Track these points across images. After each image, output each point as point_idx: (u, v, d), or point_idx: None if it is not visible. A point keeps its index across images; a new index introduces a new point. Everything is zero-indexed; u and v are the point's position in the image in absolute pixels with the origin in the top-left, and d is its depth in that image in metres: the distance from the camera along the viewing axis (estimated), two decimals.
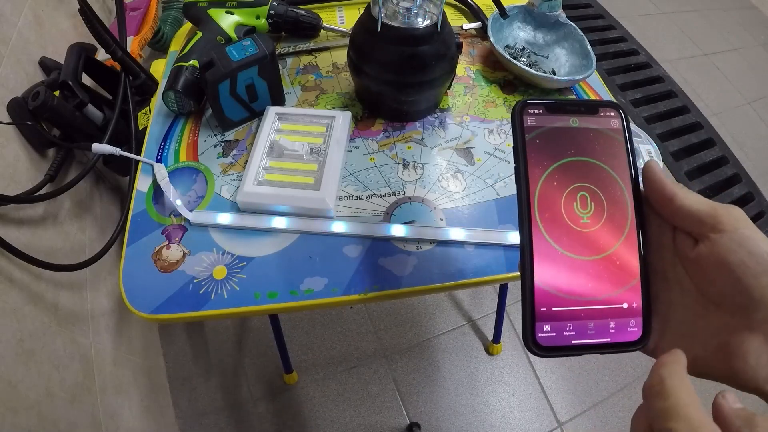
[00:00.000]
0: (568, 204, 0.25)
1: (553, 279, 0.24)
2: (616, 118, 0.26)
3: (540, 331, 0.23)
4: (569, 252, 0.24)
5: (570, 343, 0.23)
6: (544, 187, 0.24)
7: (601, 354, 0.24)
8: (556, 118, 0.25)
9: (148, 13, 0.97)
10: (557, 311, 0.23)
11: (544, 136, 0.25)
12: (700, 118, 1.61)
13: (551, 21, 0.61)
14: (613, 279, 0.24)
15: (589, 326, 0.24)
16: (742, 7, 2.20)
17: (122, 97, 0.71)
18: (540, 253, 0.24)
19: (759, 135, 1.65)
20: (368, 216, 0.46)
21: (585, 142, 0.25)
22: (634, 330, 0.24)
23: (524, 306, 0.23)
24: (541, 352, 0.23)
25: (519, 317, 1.21)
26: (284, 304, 0.40)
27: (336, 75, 0.59)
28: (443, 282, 0.42)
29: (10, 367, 0.50)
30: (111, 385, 0.72)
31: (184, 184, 0.47)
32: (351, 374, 1.03)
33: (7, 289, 0.53)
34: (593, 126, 0.26)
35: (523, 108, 0.25)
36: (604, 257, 0.24)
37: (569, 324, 0.23)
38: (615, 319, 0.24)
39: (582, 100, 0.26)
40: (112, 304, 0.80)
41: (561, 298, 0.24)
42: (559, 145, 0.25)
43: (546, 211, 0.24)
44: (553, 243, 0.24)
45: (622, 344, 0.24)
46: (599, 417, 1.04)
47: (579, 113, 0.26)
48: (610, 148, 0.25)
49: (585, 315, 0.24)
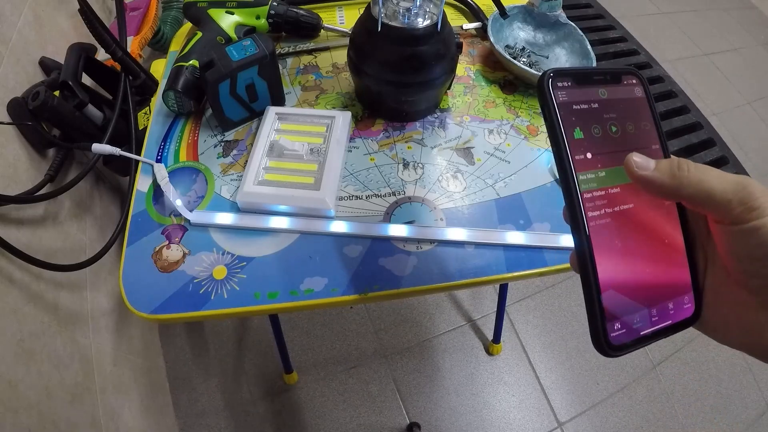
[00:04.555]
0: (614, 186, 0.23)
1: (615, 272, 0.22)
2: (639, 86, 0.25)
3: (612, 331, 0.22)
4: (624, 238, 0.23)
5: (640, 335, 0.22)
6: (589, 170, 0.23)
7: (664, 338, 0.23)
8: (585, 90, 0.24)
9: (148, 13, 0.97)
10: (623, 306, 0.22)
11: (579, 113, 0.23)
12: (700, 118, 1.61)
13: (551, 21, 0.61)
14: (664, 257, 0.23)
15: (653, 313, 0.23)
16: (742, 7, 2.20)
17: (122, 97, 0.71)
18: (599, 247, 0.22)
19: (759, 135, 1.65)
20: (368, 216, 0.46)
21: (617, 115, 0.24)
22: (688, 306, 0.23)
23: (591, 308, 0.22)
24: (616, 353, 0.22)
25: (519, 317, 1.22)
26: (284, 304, 0.40)
27: (336, 75, 0.58)
28: (443, 282, 0.42)
29: (10, 367, 0.50)
30: (111, 385, 0.72)
31: (184, 184, 0.47)
32: (351, 374, 1.03)
33: (7, 289, 0.53)
34: (621, 96, 0.24)
35: (552, 81, 0.23)
36: (653, 235, 0.23)
37: (636, 316, 0.22)
38: (672, 300, 0.23)
39: (603, 68, 0.25)
40: (112, 304, 0.80)
41: (625, 290, 0.22)
42: (595, 121, 0.23)
43: (596, 198, 0.22)
44: (607, 232, 0.22)
45: (681, 323, 0.23)
46: (599, 417, 1.04)
47: (605, 83, 0.24)
48: (639, 118, 0.24)
49: (648, 302, 0.23)
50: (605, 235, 0.22)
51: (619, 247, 0.22)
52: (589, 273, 0.22)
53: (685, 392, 1.09)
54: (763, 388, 1.12)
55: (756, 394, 1.11)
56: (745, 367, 1.14)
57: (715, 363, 1.14)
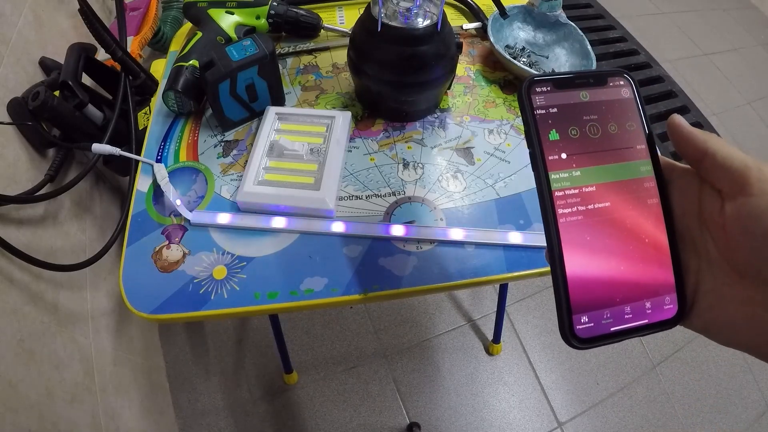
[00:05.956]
0: (589, 185, 0.24)
1: (585, 267, 0.23)
2: (627, 87, 0.25)
3: (578, 323, 0.22)
4: (597, 235, 0.23)
5: (609, 331, 0.23)
6: (562, 170, 0.23)
7: (639, 336, 0.23)
8: (565, 94, 0.24)
9: (148, 13, 0.97)
10: (592, 300, 0.23)
11: (556, 116, 0.24)
12: (700, 118, 1.61)
13: (551, 21, 0.61)
14: (643, 256, 0.23)
15: (626, 310, 0.23)
16: (742, 7, 2.20)
17: (122, 97, 0.71)
18: (568, 242, 0.23)
19: (759, 135, 1.65)
20: (368, 216, 0.46)
21: (598, 117, 0.24)
22: (669, 307, 0.23)
23: (558, 299, 0.23)
24: (582, 345, 0.22)
25: (519, 317, 1.22)
26: (284, 304, 0.40)
27: (336, 75, 0.59)
28: (443, 282, 0.42)
29: (10, 367, 0.50)
30: (111, 385, 0.72)
31: (184, 184, 0.47)
32: (351, 374, 1.04)
33: (7, 289, 0.53)
34: (604, 98, 0.25)
35: (530, 87, 0.24)
36: (631, 234, 0.23)
37: (606, 312, 0.23)
38: (650, 299, 0.23)
39: (588, 71, 0.25)
40: (112, 304, 0.80)
41: (595, 285, 0.23)
42: (573, 123, 0.24)
43: (568, 197, 0.23)
44: (579, 228, 0.23)
45: (660, 323, 0.23)
46: (599, 417, 1.04)
47: (588, 86, 0.25)
48: (623, 119, 0.25)
49: (620, 299, 0.23)
50: (576, 231, 0.23)
51: (591, 244, 0.23)
52: (557, 267, 0.23)
53: (685, 392, 1.09)
54: (763, 388, 1.12)
55: (756, 394, 1.11)
56: (745, 367, 1.14)
57: (715, 363, 1.14)
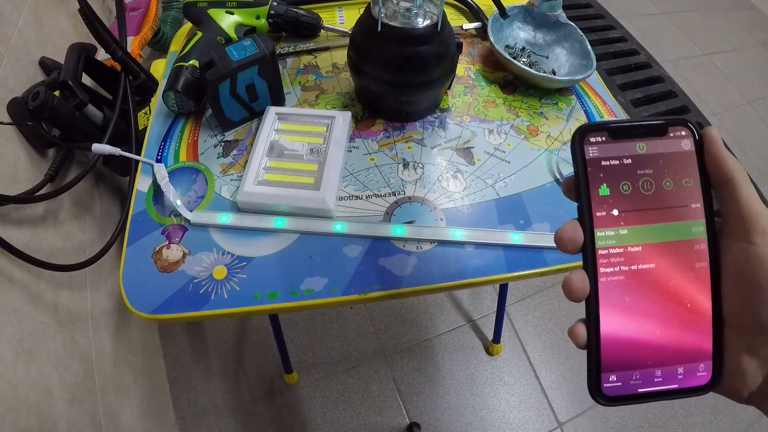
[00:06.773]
0: (635, 244, 0.23)
1: (620, 327, 0.22)
2: (688, 138, 0.23)
3: (606, 381, 0.22)
4: (637, 297, 0.22)
5: (636, 392, 0.22)
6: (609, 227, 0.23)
7: (667, 400, 0.23)
8: (621, 145, 0.23)
9: (148, 13, 0.97)
10: (623, 361, 0.22)
11: (609, 170, 0.23)
12: (700, 118, 1.61)
13: (551, 21, 0.61)
14: (683, 321, 0.22)
15: (656, 374, 0.22)
16: (742, 7, 2.20)
17: (122, 97, 0.71)
18: (606, 301, 0.22)
19: (759, 135, 1.65)
20: (368, 216, 0.46)
21: (654, 172, 0.23)
22: (703, 374, 0.22)
23: (590, 355, 0.22)
24: (607, 403, 0.22)
25: (519, 317, 1.22)
26: (284, 304, 0.40)
27: (336, 75, 0.59)
28: (443, 282, 0.42)
29: (10, 367, 0.50)
30: (111, 385, 0.72)
31: (184, 184, 0.47)
32: (351, 374, 1.03)
33: (7, 289, 0.53)
34: (662, 151, 0.23)
35: (583, 135, 0.23)
36: (673, 298, 0.23)
37: (636, 373, 0.22)
38: (684, 365, 0.22)
39: (648, 119, 0.24)
40: (112, 304, 0.80)
41: (628, 346, 0.22)
42: (626, 178, 0.23)
43: (611, 255, 0.22)
44: (619, 289, 0.22)
45: (691, 389, 0.22)
46: (599, 417, 1.04)
47: (646, 136, 0.23)
48: (680, 174, 0.23)
49: (653, 362, 0.22)
50: (615, 291, 0.22)
51: (629, 305, 0.22)
52: (591, 324, 0.22)
53: None
54: None
55: None
56: None
57: None
